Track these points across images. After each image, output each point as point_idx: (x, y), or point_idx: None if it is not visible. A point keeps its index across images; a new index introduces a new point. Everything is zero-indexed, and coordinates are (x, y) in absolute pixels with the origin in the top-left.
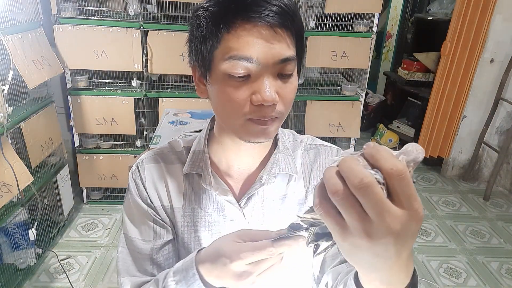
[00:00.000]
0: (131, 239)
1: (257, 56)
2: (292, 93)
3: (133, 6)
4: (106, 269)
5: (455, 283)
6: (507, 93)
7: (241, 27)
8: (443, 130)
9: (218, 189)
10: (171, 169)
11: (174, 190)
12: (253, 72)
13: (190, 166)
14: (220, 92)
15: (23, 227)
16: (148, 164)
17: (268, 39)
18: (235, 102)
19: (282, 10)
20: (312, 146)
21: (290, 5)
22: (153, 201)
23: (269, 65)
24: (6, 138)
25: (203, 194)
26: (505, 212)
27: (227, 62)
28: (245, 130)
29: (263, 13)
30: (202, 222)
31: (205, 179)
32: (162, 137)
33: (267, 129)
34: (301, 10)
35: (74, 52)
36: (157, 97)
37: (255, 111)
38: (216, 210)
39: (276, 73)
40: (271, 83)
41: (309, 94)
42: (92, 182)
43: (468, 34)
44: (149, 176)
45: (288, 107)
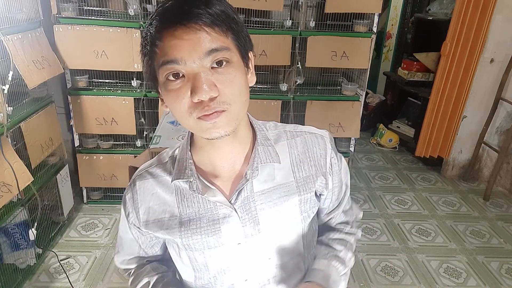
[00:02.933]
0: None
1: (182, 56)
2: (232, 82)
3: (133, 6)
4: (106, 269)
5: (455, 283)
6: (507, 93)
7: (165, 37)
8: (443, 130)
9: (207, 191)
10: (161, 181)
11: (167, 200)
12: (185, 72)
13: (177, 175)
14: (167, 99)
15: (23, 227)
16: (138, 182)
17: (189, 38)
18: (179, 104)
19: (199, 11)
20: (297, 133)
21: (208, 4)
22: (146, 217)
23: (196, 61)
24: (6, 138)
25: (193, 199)
26: (505, 212)
27: (162, 69)
28: (199, 129)
29: (183, 18)
30: (198, 226)
31: (192, 184)
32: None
33: (217, 123)
34: (301, 10)
35: (74, 52)
36: (157, 97)
37: (197, 108)
38: (210, 210)
39: (209, 66)
40: (205, 78)
41: (309, 94)
42: (92, 182)
43: (468, 34)
44: (139, 194)
45: (235, 98)
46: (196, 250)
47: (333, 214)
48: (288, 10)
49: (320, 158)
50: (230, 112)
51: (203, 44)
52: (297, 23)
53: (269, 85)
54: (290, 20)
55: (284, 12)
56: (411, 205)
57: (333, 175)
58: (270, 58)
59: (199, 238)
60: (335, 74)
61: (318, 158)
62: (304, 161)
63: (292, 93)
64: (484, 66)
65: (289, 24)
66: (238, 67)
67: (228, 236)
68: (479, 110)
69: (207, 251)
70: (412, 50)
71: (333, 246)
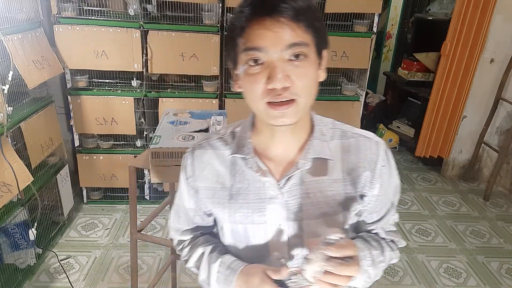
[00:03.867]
0: (177, 206)
1: (265, 45)
2: (305, 76)
3: (133, 6)
4: (106, 269)
5: (455, 283)
6: (507, 93)
7: (253, 25)
8: (443, 130)
9: (259, 170)
10: (218, 154)
11: (220, 172)
12: (265, 59)
13: (235, 150)
14: (244, 81)
15: (23, 227)
16: (198, 150)
17: (275, 29)
18: (254, 88)
19: (289, 6)
20: (352, 134)
21: (298, 1)
22: (201, 184)
23: (277, 52)
24: (6, 138)
25: (245, 175)
26: (505, 212)
27: (244, 54)
28: (266, 115)
29: (273, 10)
30: (246, 201)
31: (248, 162)
32: (162, 137)
33: (285, 113)
34: None
35: (74, 52)
36: (157, 97)
37: (269, 94)
38: (258, 189)
39: (287, 58)
40: (281, 68)
41: None
42: (92, 182)
43: (468, 34)
44: (197, 162)
45: (305, 91)
46: (240, 223)
47: (373, 226)
48: None
49: (370, 162)
50: (298, 104)
51: (286, 37)
52: None
53: None
54: None
55: None
56: (411, 205)
57: (379, 183)
58: None
59: (244, 212)
60: (335, 74)
61: (368, 161)
62: (354, 162)
63: None
64: (484, 66)
65: None
66: (312, 63)
67: (271, 216)
68: (479, 110)
69: (250, 226)
70: (412, 50)
71: (370, 243)
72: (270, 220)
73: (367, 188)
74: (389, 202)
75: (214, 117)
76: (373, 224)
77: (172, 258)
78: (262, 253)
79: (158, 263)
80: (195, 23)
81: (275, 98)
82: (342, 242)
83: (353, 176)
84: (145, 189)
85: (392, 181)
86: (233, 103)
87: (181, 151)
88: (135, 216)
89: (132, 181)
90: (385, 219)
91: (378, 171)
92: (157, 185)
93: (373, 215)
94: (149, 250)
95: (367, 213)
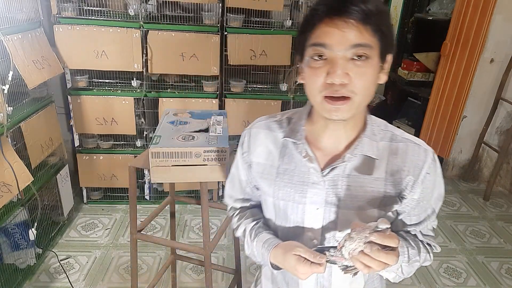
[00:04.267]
0: (233, 175)
1: (331, 42)
2: (364, 76)
3: (133, 6)
4: (106, 269)
5: (455, 283)
6: (507, 93)
7: (325, 22)
8: (443, 130)
9: (307, 156)
10: (272, 135)
11: (272, 152)
12: (328, 56)
13: (288, 134)
14: (306, 74)
15: (23, 227)
16: (255, 129)
17: (343, 28)
18: (314, 81)
19: (359, 8)
20: (402, 138)
21: (369, 5)
22: (254, 159)
23: (341, 50)
24: (6, 138)
25: (293, 158)
26: (505, 212)
27: (310, 49)
28: (322, 108)
29: (344, 10)
30: (290, 181)
31: (298, 146)
32: (162, 137)
33: (339, 108)
34: (301, 10)
35: (74, 52)
36: (157, 97)
37: (327, 88)
38: (303, 173)
39: (350, 57)
40: (343, 66)
41: None
42: (92, 182)
43: (468, 34)
44: (253, 139)
45: (361, 90)
46: (282, 200)
47: (411, 228)
48: (288, 10)
49: (415, 167)
50: (354, 101)
51: (351, 38)
52: (297, 23)
53: (269, 85)
54: (290, 20)
55: (284, 12)
56: None
57: (421, 189)
58: (270, 58)
59: (287, 190)
60: None
61: (413, 167)
62: (399, 165)
63: (292, 93)
64: (484, 66)
65: (289, 24)
66: (373, 64)
67: (311, 199)
68: (479, 110)
69: (290, 203)
70: (412, 50)
71: (409, 241)
72: (309, 202)
73: (407, 191)
74: (430, 208)
75: (214, 117)
76: (411, 226)
77: (172, 258)
78: (297, 231)
79: (158, 263)
80: (195, 23)
81: (332, 93)
82: (387, 232)
83: (395, 178)
84: (145, 189)
85: (436, 189)
86: (233, 103)
87: (181, 151)
88: (135, 216)
89: (132, 181)
90: (424, 223)
91: (421, 177)
92: (157, 185)
93: (412, 218)
94: (149, 250)
95: (405, 215)
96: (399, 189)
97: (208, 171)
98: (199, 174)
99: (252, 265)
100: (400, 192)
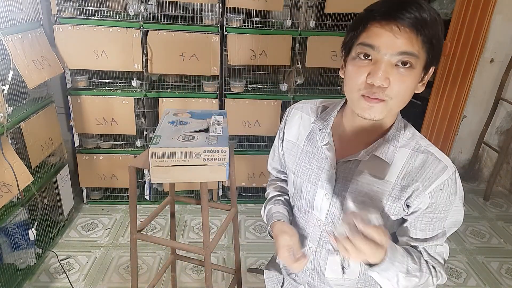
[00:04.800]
0: (274, 146)
1: (379, 45)
2: (403, 83)
3: (133, 6)
4: (106, 269)
5: (455, 283)
6: (507, 93)
7: (377, 24)
8: (443, 130)
9: (327, 145)
10: (305, 118)
11: (301, 133)
12: (374, 57)
13: (317, 121)
14: (349, 70)
15: (23, 227)
16: (294, 110)
17: (394, 33)
18: (355, 79)
19: (414, 17)
20: (424, 150)
21: (425, 15)
22: (286, 136)
23: (387, 54)
24: (6, 138)
25: (315, 143)
26: (505, 212)
27: (358, 47)
28: (357, 104)
29: (398, 16)
30: (309, 163)
31: (321, 133)
32: (162, 137)
33: (373, 107)
34: (301, 10)
35: (74, 52)
36: (157, 97)
37: (366, 87)
38: (321, 159)
39: (394, 63)
40: (385, 70)
41: (309, 94)
42: (92, 182)
43: (468, 34)
44: (289, 118)
45: (397, 96)
46: (299, 177)
47: (416, 243)
48: (288, 10)
49: (426, 179)
50: (388, 105)
51: (400, 45)
52: (297, 23)
53: (269, 85)
54: (290, 20)
55: (284, 12)
56: None
57: (429, 202)
58: (270, 58)
59: (305, 170)
60: (335, 74)
61: (425, 178)
62: (412, 174)
63: (292, 93)
64: (484, 66)
65: (289, 24)
66: (415, 74)
67: (322, 183)
68: (479, 110)
69: (305, 182)
70: None
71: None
72: (320, 186)
73: (411, 199)
74: (440, 228)
75: (214, 117)
76: (417, 241)
77: (172, 258)
78: (307, 208)
79: (158, 263)
80: (195, 23)
81: (369, 93)
82: (377, 226)
83: (404, 184)
84: (145, 189)
85: (452, 212)
86: (233, 103)
87: (181, 151)
88: (135, 216)
89: (132, 181)
90: (430, 242)
91: (430, 189)
92: (157, 185)
93: (417, 232)
94: (149, 250)
95: (409, 225)
96: (404, 195)
97: (208, 171)
98: (199, 174)
99: (252, 266)
100: (404, 198)
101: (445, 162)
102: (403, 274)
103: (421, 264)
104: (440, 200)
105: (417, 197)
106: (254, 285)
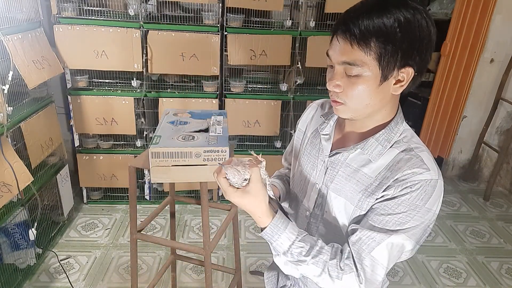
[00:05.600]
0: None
1: (330, 55)
2: (353, 89)
3: (133, 6)
4: (106, 269)
5: (455, 283)
6: (507, 93)
7: (334, 36)
8: (443, 130)
9: (326, 135)
10: (319, 111)
11: (312, 124)
12: (332, 65)
13: (325, 114)
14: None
15: (23, 227)
16: (314, 104)
17: (338, 44)
18: (328, 84)
19: (358, 28)
20: (414, 153)
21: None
22: (300, 125)
23: (335, 63)
24: (6, 138)
25: (320, 136)
26: (505, 212)
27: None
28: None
29: (344, 28)
30: (310, 153)
31: (324, 126)
32: (162, 137)
33: (337, 109)
34: (301, 10)
35: (74, 52)
36: (157, 97)
37: (330, 92)
38: (319, 150)
39: (344, 71)
40: (336, 77)
41: (309, 94)
42: (92, 182)
43: (468, 34)
44: (307, 111)
45: (352, 99)
46: (300, 165)
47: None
48: (288, 10)
49: (403, 174)
50: (347, 106)
51: (341, 54)
52: (297, 23)
53: (269, 85)
54: (290, 20)
55: (284, 12)
56: None
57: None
58: (270, 58)
59: (306, 159)
60: None
61: (402, 173)
62: (393, 171)
63: (292, 93)
64: (484, 66)
65: (289, 24)
66: (366, 80)
67: (316, 173)
68: (479, 110)
69: (304, 171)
70: None
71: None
72: (313, 175)
73: (384, 193)
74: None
75: (214, 117)
76: (354, 226)
77: (172, 258)
78: (300, 197)
79: (158, 263)
80: (195, 23)
81: (332, 97)
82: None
83: (381, 181)
84: (145, 189)
85: (411, 219)
86: (233, 103)
87: (181, 151)
88: (135, 216)
89: (132, 181)
90: (362, 232)
91: (399, 185)
92: (157, 185)
93: (367, 220)
94: (149, 250)
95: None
96: (379, 191)
97: (208, 171)
98: (199, 174)
99: (252, 265)
100: (380, 194)
101: (430, 166)
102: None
103: (320, 252)
104: (405, 198)
105: (388, 189)
106: (254, 285)
